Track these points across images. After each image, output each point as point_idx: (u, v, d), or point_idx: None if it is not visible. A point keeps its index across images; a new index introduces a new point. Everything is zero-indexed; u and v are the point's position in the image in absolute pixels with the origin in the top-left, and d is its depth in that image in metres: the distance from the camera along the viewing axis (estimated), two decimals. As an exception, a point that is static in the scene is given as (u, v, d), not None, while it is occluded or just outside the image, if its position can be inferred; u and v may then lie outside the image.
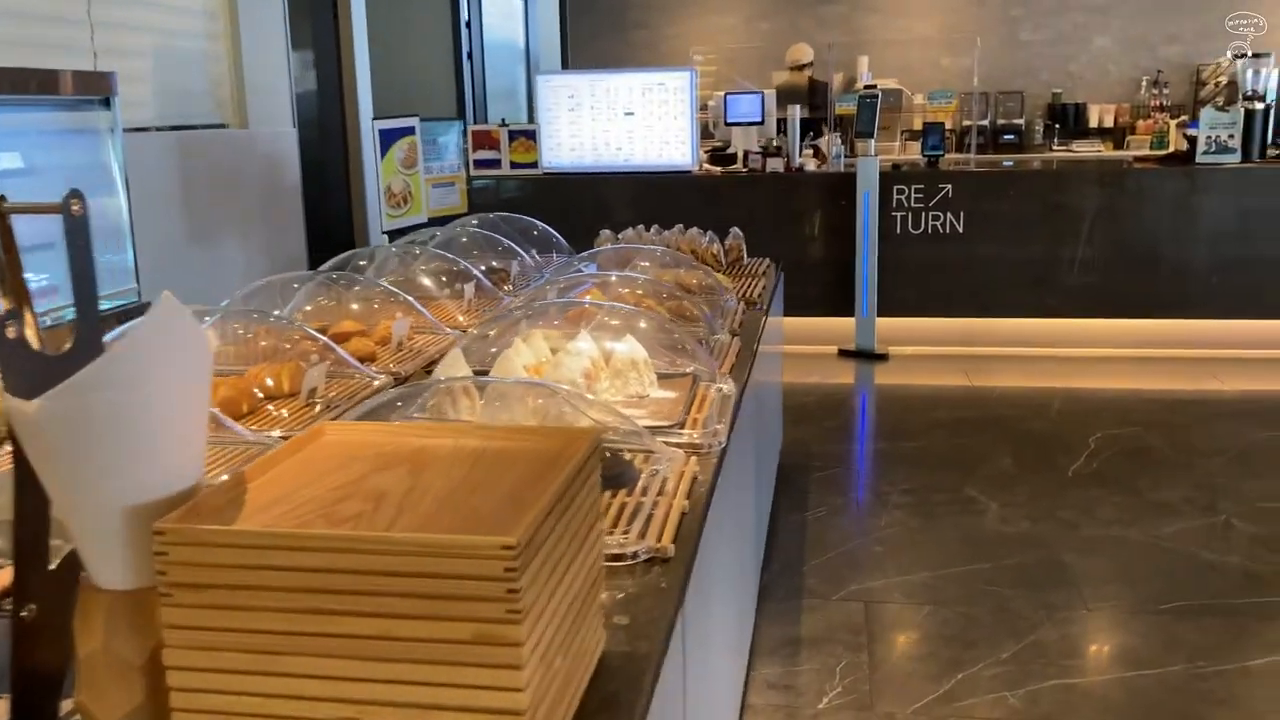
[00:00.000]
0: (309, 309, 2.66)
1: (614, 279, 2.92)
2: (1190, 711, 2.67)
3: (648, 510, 1.47)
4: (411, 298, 2.74)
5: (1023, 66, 9.33)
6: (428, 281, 3.07)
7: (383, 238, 6.06)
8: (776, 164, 6.46)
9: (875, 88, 6.69)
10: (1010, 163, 7.66)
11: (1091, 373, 5.90)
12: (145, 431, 0.86)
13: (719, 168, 6.76)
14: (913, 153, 8.02)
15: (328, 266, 3.11)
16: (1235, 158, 6.06)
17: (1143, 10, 9.13)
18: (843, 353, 6.29)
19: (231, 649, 0.86)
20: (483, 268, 3.28)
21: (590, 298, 2.70)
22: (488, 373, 1.98)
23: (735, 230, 3.97)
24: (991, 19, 9.28)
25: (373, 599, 0.83)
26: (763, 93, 6.96)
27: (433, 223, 5.73)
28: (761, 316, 3.09)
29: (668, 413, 1.97)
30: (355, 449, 1.08)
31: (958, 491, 4.13)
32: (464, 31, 8.63)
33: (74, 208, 1.00)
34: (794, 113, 6.56)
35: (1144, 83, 9.09)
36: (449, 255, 3.22)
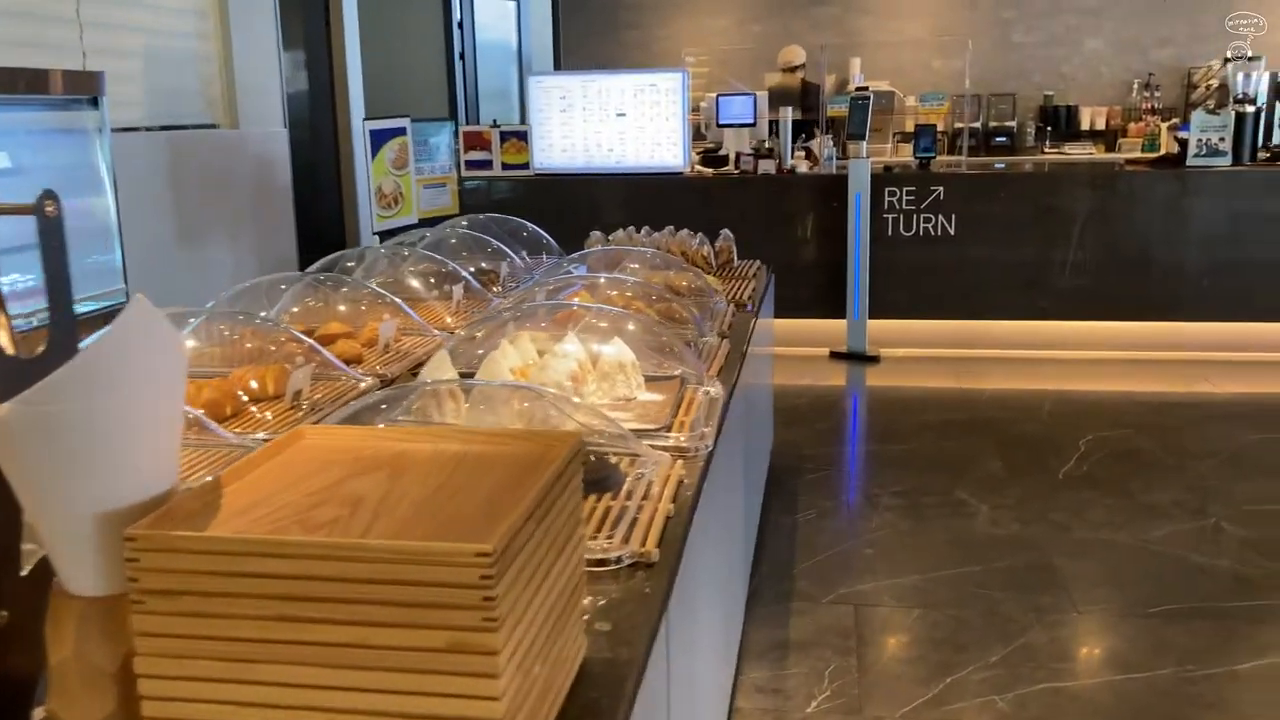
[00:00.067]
0: (296, 310, 2.65)
1: (603, 281, 2.91)
2: (1179, 715, 2.67)
3: (632, 514, 1.46)
4: (399, 299, 2.73)
5: (1015, 69, 9.34)
6: (416, 283, 3.06)
7: (374, 239, 6.05)
8: (768, 166, 6.46)
9: (867, 90, 6.69)
10: (1002, 165, 7.67)
11: (1083, 375, 5.91)
12: (117, 436, 0.85)
13: (711, 169, 6.76)
14: (905, 155, 8.02)
15: (315, 268, 3.10)
16: (1226, 161, 6.07)
17: (1135, 13, 9.14)
18: (834, 355, 6.29)
19: (204, 657, 0.85)
20: (472, 269, 3.27)
21: (579, 300, 2.69)
22: (474, 375, 1.97)
23: (726, 232, 3.96)
24: (984, 21, 9.29)
25: (347, 606, 0.82)
26: (754, 94, 6.96)
27: (424, 224, 5.71)
28: (751, 319, 3.08)
29: (654, 416, 1.96)
30: (333, 453, 1.07)
31: (948, 494, 4.13)
32: (456, 32, 8.61)
33: (48, 209, 0.99)
34: (786, 114, 6.56)
35: (1136, 85, 9.11)
36: (437, 257, 3.20)
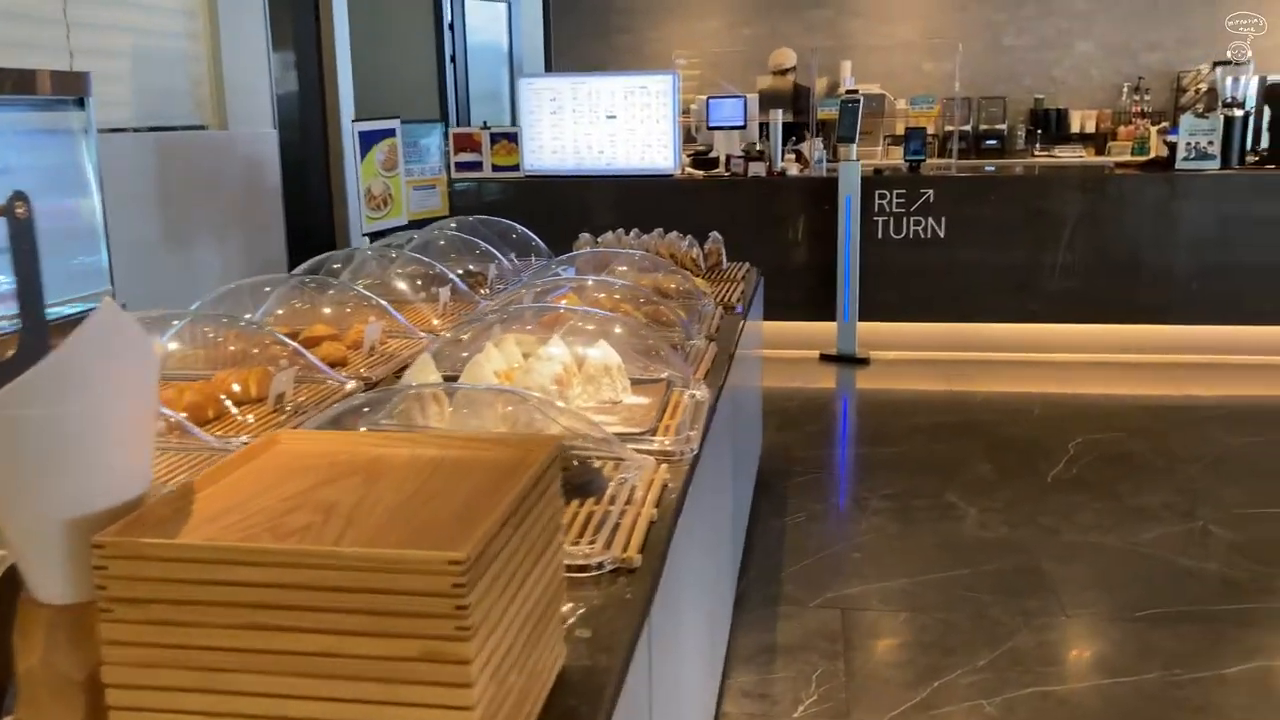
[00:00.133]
0: (281, 313, 2.63)
1: (591, 283, 2.90)
2: (1167, 719, 2.67)
3: (615, 519, 1.45)
4: (385, 302, 2.72)
5: (1005, 72, 9.35)
6: (403, 285, 3.04)
7: (363, 240, 6.03)
8: (758, 168, 6.45)
9: (857, 92, 6.70)
10: (992, 168, 7.68)
11: (1072, 378, 5.91)
12: (85, 441, 0.84)
13: (701, 172, 6.75)
14: (895, 157, 8.02)
15: (301, 269, 3.08)
16: (1215, 164, 6.08)
17: (1124, 17, 9.16)
18: (824, 357, 6.29)
19: (173, 666, 0.83)
20: (460, 271, 3.26)
21: (566, 302, 2.68)
22: (458, 378, 1.96)
23: (715, 234, 3.95)
24: (974, 24, 9.30)
25: (318, 615, 0.81)
26: (745, 97, 6.96)
27: (413, 225, 5.70)
28: (739, 321, 3.07)
29: (640, 419, 1.95)
30: (308, 458, 1.05)
31: (937, 497, 4.12)
32: (447, 33, 8.60)
33: (18, 210, 0.98)
34: (776, 117, 6.56)
35: (1125, 89, 9.12)
36: (425, 259, 3.19)
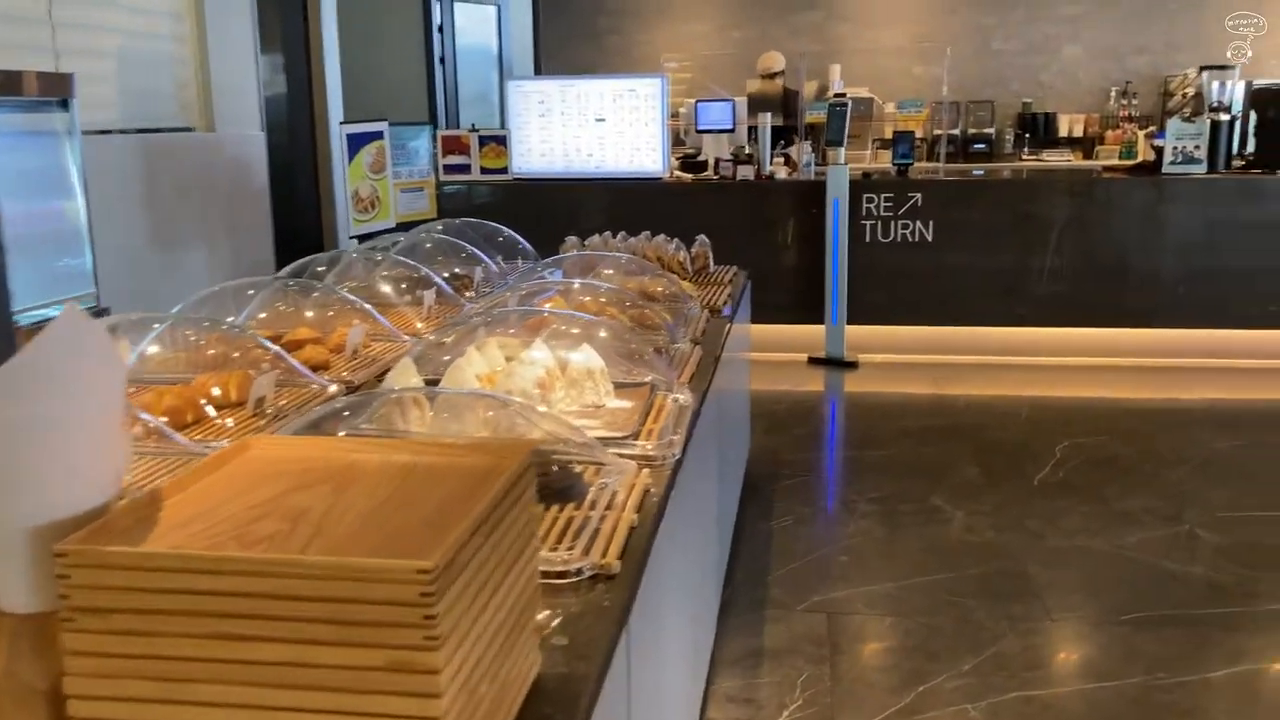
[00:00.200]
0: (264, 316, 2.62)
1: (576, 286, 2.89)
2: (1151, 723, 2.67)
3: (594, 525, 1.44)
4: (369, 305, 2.70)
5: (993, 76, 9.36)
6: (387, 288, 3.03)
7: (351, 243, 6.01)
8: (747, 172, 6.45)
9: (844, 96, 6.70)
10: (980, 172, 7.68)
11: (1059, 381, 5.92)
12: (47, 448, 0.83)
13: (690, 175, 6.74)
14: (883, 161, 8.01)
15: (285, 272, 3.07)
16: (1201, 168, 6.10)
17: (1112, 21, 9.18)
18: (812, 360, 6.29)
19: (136, 676, 0.82)
20: (445, 274, 3.24)
21: (551, 305, 2.67)
22: (440, 382, 1.95)
23: (702, 238, 3.95)
24: (963, 28, 9.31)
25: (283, 624, 0.79)
26: (733, 100, 6.95)
27: (401, 228, 5.68)
28: (725, 324, 3.06)
29: (623, 423, 1.94)
30: (280, 464, 1.04)
31: (924, 500, 4.12)
32: (436, 36, 8.58)
33: (-16, 214, 0.97)
34: (764, 120, 6.56)
35: (1113, 93, 9.14)
36: (410, 262, 3.17)
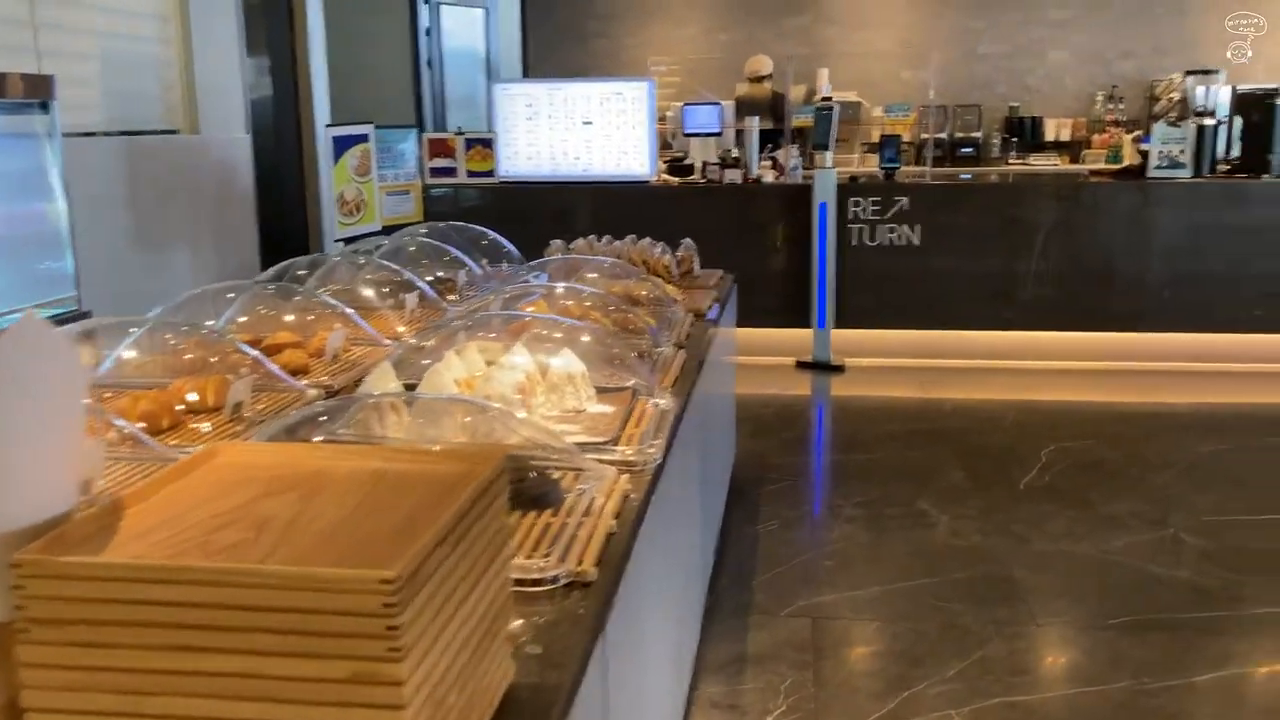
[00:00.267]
0: (244, 319, 2.60)
1: (560, 290, 2.87)
2: (1135, 728, 2.66)
3: (571, 532, 1.42)
4: (350, 309, 2.68)
5: (980, 80, 9.38)
6: (369, 292, 3.01)
7: (336, 246, 5.98)
8: (734, 175, 6.45)
9: (831, 100, 6.70)
10: (967, 176, 7.69)
11: (1045, 385, 5.93)
12: (2, 457, 0.81)
13: (677, 178, 6.73)
14: (871, 165, 8.02)
15: (266, 276, 3.05)
16: (1186, 173, 6.12)
17: (1098, 26, 9.21)
18: (800, 364, 6.28)
19: (95, 689, 0.80)
20: (429, 278, 3.23)
21: (534, 309, 2.66)
22: (418, 386, 1.93)
23: (687, 241, 3.94)
24: (950, 32, 9.32)
25: (244, 635, 0.78)
26: (720, 104, 6.95)
27: (387, 231, 5.66)
28: (710, 328, 3.05)
29: (603, 428, 1.92)
30: (248, 471, 1.02)
31: (910, 505, 4.11)
32: (423, 39, 8.56)
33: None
34: (752, 124, 6.55)
35: (1099, 98, 9.17)
36: (392, 265, 3.16)
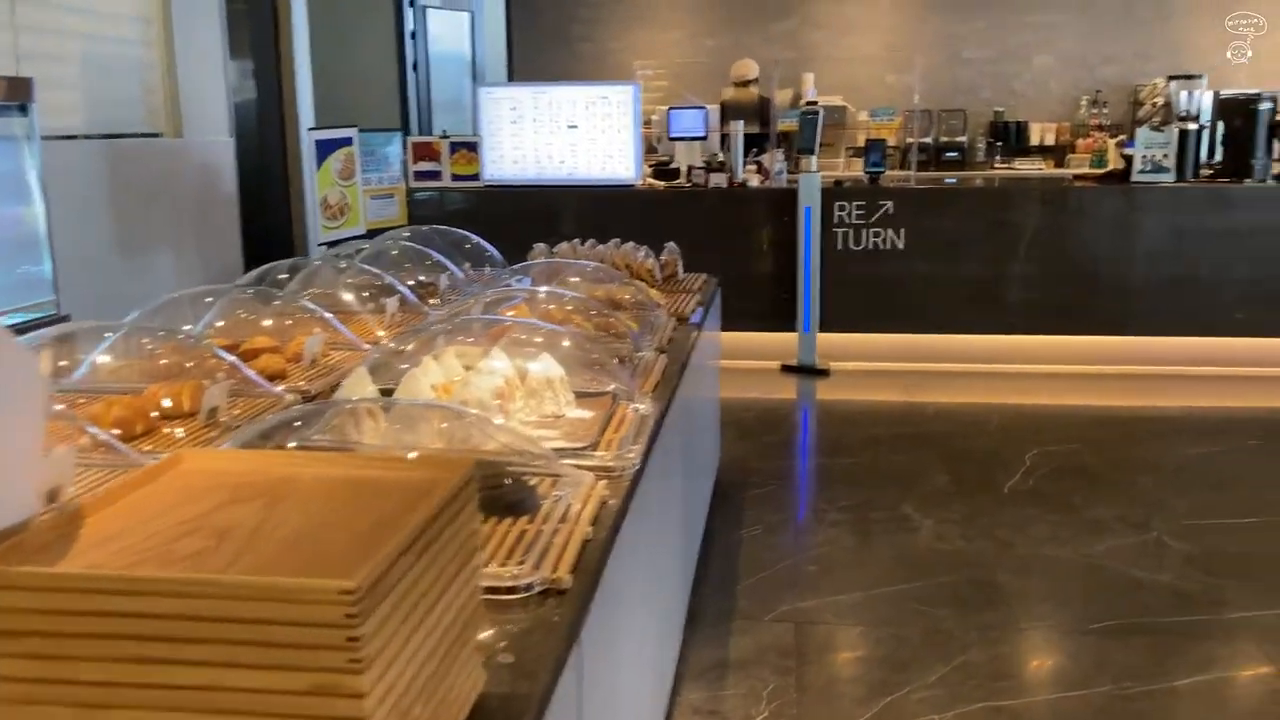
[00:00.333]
0: (222, 324, 2.58)
1: (542, 294, 2.86)
2: (1118, 733, 2.66)
3: (546, 539, 1.41)
4: (329, 313, 2.66)
5: (965, 84, 9.40)
6: (350, 296, 2.99)
7: (320, 250, 5.95)
8: (719, 179, 6.44)
9: (817, 104, 6.70)
10: (952, 180, 7.70)
11: (1030, 389, 5.94)
12: (-45, 464, 0.79)
13: (662, 182, 6.73)
14: (856, 169, 8.03)
15: (247, 279, 3.03)
16: (1170, 177, 6.14)
17: (1082, 31, 9.25)
18: (785, 368, 6.28)
19: (50, 702, 0.79)
20: (411, 282, 3.21)
21: (515, 313, 2.64)
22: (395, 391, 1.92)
23: (671, 245, 3.93)
24: (935, 37, 9.35)
25: (202, 647, 0.76)
26: (706, 108, 6.95)
27: (371, 235, 5.63)
28: (693, 332, 3.04)
29: (582, 434, 1.91)
30: (214, 478, 1.01)
31: (894, 509, 4.11)
32: (409, 42, 8.54)
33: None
34: (737, 128, 6.55)
35: (1084, 102, 9.21)
36: (373, 269, 3.14)
